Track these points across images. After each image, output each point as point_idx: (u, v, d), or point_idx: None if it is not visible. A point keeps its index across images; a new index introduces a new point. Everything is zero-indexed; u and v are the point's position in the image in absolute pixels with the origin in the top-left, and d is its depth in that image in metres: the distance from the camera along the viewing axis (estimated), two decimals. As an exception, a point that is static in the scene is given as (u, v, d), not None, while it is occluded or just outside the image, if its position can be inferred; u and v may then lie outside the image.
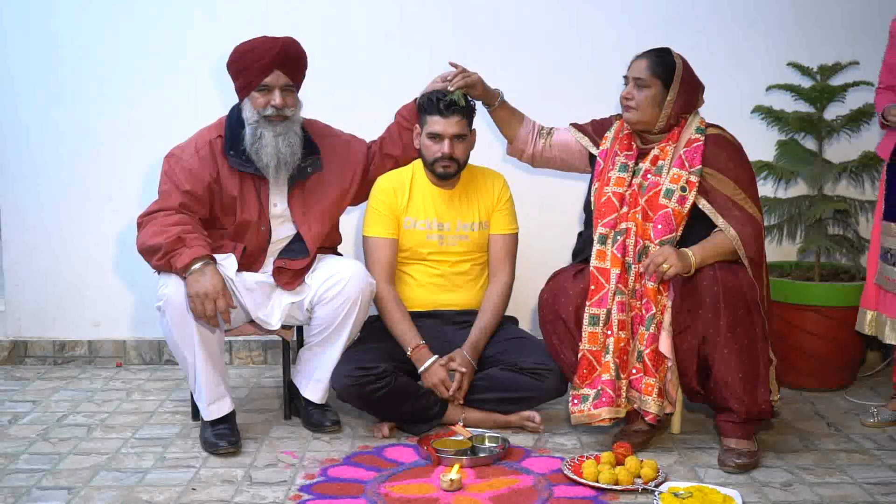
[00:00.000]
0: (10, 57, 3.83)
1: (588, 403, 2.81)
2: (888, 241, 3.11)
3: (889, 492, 2.61)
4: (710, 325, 2.73)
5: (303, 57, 3.00)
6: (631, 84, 2.91)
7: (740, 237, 2.78)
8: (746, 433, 2.82)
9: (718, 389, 2.78)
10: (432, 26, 3.81)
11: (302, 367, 3.13)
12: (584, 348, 2.83)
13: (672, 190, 2.83)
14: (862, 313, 3.24)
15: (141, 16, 3.81)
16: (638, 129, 2.95)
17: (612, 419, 2.81)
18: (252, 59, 2.91)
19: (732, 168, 2.87)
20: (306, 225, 3.07)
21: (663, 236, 2.81)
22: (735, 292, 2.72)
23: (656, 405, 2.80)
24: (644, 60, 2.91)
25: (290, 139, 2.97)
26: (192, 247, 2.81)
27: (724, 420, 2.83)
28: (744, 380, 2.74)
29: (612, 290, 2.82)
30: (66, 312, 3.98)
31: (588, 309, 2.83)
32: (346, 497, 2.57)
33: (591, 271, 2.85)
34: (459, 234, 3.17)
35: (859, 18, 3.81)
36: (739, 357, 2.73)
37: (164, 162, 3.01)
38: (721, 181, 2.85)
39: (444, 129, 3.04)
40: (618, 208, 2.89)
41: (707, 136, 2.91)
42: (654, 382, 2.79)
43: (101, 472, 2.77)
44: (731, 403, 2.77)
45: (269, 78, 2.92)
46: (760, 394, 2.76)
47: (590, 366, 2.84)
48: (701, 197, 2.83)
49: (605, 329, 2.81)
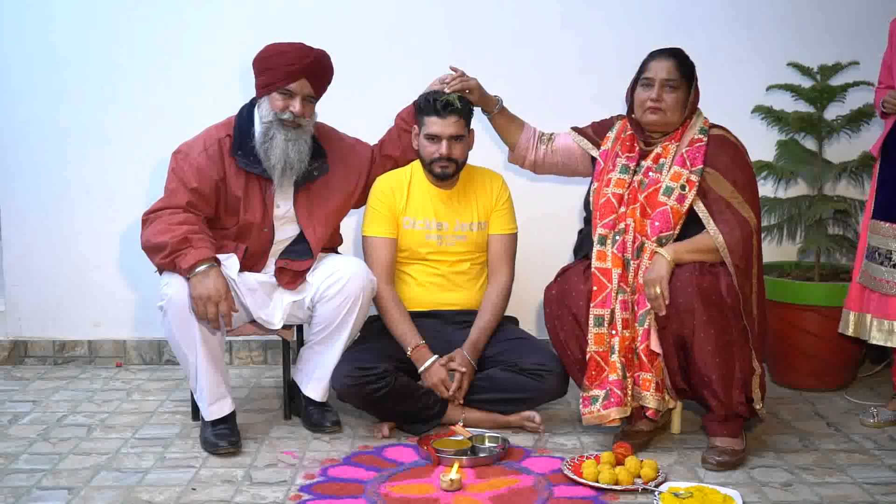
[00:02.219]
0: (9, 56, 3.83)
1: (598, 405, 2.82)
2: (875, 240, 3.10)
3: (889, 492, 2.61)
4: (685, 325, 2.73)
5: (331, 72, 3.01)
6: (659, 86, 2.85)
7: (727, 244, 2.74)
8: (731, 431, 2.82)
9: (698, 388, 2.81)
10: (432, 30, 3.81)
11: (303, 366, 3.13)
12: (592, 350, 2.83)
13: (672, 188, 2.83)
14: (845, 315, 3.23)
15: (141, 15, 3.81)
16: (657, 129, 2.91)
17: (620, 419, 2.82)
18: (283, 61, 2.91)
19: (732, 170, 2.85)
20: (311, 228, 3.07)
21: (660, 233, 2.81)
22: (710, 293, 2.71)
23: (654, 400, 2.80)
24: (670, 60, 2.87)
25: (299, 146, 2.96)
26: (198, 248, 2.81)
27: (708, 419, 2.85)
28: (720, 380, 2.75)
29: (614, 289, 2.82)
30: (66, 312, 3.98)
31: (592, 310, 2.83)
32: (346, 497, 2.57)
33: (593, 273, 2.85)
34: (458, 234, 3.17)
35: (859, 18, 3.81)
36: (714, 357, 2.73)
37: (172, 158, 3.00)
38: (719, 182, 2.83)
39: (441, 129, 3.04)
40: (616, 209, 2.88)
41: (710, 136, 2.90)
42: (650, 378, 2.80)
43: (102, 472, 2.77)
44: (710, 402, 2.80)
45: (294, 84, 2.92)
46: (736, 395, 2.77)
47: (598, 367, 2.84)
48: (698, 198, 2.82)
49: (611, 329, 2.82)
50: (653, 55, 2.92)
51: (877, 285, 3.08)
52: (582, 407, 2.86)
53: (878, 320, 3.10)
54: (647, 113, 2.88)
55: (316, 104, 3.04)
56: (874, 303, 3.11)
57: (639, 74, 2.93)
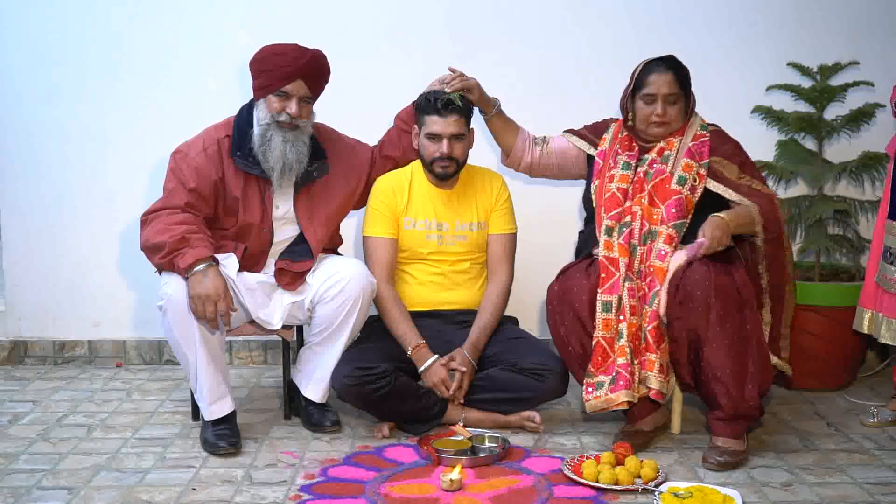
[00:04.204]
0: (10, 56, 3.83)
1: (604, 389, 2.81)
2: (889, 240, 3.11)
3: (889, 492, 2.61)
4: (700, 318, 2.73)
5: (327, 72, 3.01)
6: (661, 102, 2.91)
7: (762, 213, 2.85)
8: (735, 432, 2.82)
9: (708, 384, 2.80)
10: (431, 30, 3.81)
11: (302, 367, 3.13)
12: (599, 335, 2.83)
13: (685, 177, 2.89)
14: (860, 312, 3.24)
15: (141, 15, 3.81)
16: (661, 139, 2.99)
17: (628, 402, 2.78)
18: (279, 63, 2.90)
19: (737, 154, 2.98)
20: (311, 229, 3.07)
21: (676, 220, 2.84)
22: (727, 289, 2.73)
23: (657, 381, 2.79)
24: (669, 74, 2.92)
25: (298, 147, 2.96)
26: (196, 248, 2.81)
27: (714, 418, 2.85)
28: (732, 376, 2.75)
29: (622, 276, 2.83)
30: (66, 312, 3.98)
31: (600, 296, 2.84)
32: (346, 497, 2.57)
33: (601, 260, 2.87)
34: (458, 234, 3.17)
35: (859, 18, 3.81)
36: (728, 353, 2.73)
37: (171, 158, 3.00)
38: (727, 166, 2.93)
39: (442, 129, 3.04)
40: (622, 202, 2.92)
41: (710, 132, 3.00)
42: (654, 358, 2.80)
43: (101, 472, 2.77)
44: (720, 399, 2.79)
45: (290, 86, 2.92)
46: (748, 391, 2.77)
47: (604, 353, 2.84)
48: (711, 179, 2.90)
49: (618, 315, 2.82)
50: (650, 68, 2.94)
51: (889, 285, 3.09)
52: (585, 394, 2.85)
53: (888, 320, 3.11)
54: (653, 127, 2.96)
55: (313, 104, 3.04)
56: (886, 302, 3.12)
57: (636, 87, 2.96)
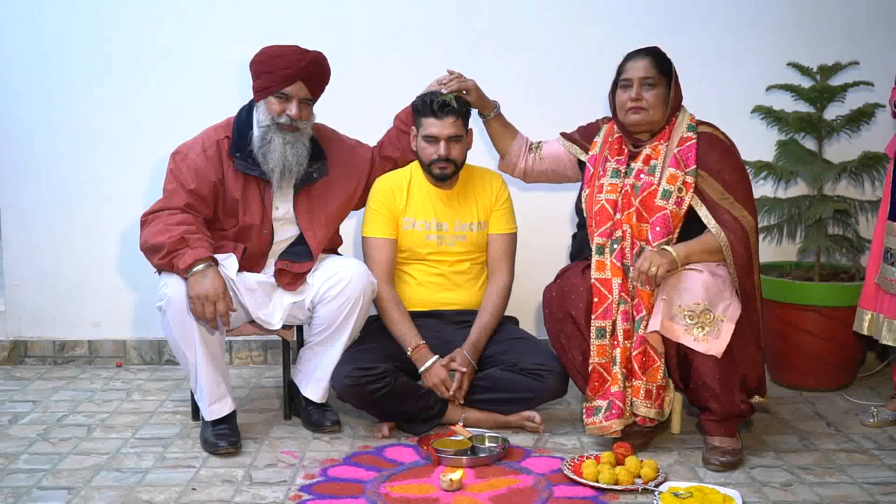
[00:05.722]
0: (10, 57, 3.83)
1: (600, 416, 2.83)
2: (890, 241, 3.10)
3: (889, 492, 2.61)
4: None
5: (327, 74, 3.01)
6: (637, 85, 2.85)
7: (730, 243, 2.78)
8: (729, 431, 2.83)
9: (698, 389, 2.80)
10: (431, 31, 3.81)
11: (302, 367, 3.13)
12: (594, 362, 2.84)
13: (669, 191, 2.83)
14: (860, 314, 3.24)
15: (142, 15, 3.81)
16: (642, 129, 2.91)
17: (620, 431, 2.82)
18: (279, 64, 2.90)
19: (721, 170, 2.86)
20: (311, 230, 3.07)
21: (661, 238, 2.81)
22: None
23: (644, 407, 2.81)
24: (646, 59, 2.88)
25: (297, 149, 2.96)
26: (195, 248, 2.81)
27: (706, 419, 2.85)
28: (721, 381, 2.75)
29: (615, 300, 2.82)
30: (66, 312, 3.98)
31: (594, 322, 2.84)
32: (346, 497, 2.57)
33: (594, 283, 2.85)
34: (458, 235, 3.17)
35: (859, 18, 3.81)
36: (717, 362, 2.73)
37: (171, 159, 3.00)
38: (710, 184, 2.84)
39: (439, 130, 3.04)
40: (612, 216, 2.89)
41: (699, 133, 2.91)
42: (640, 385, 2.81)
43: (102, 472, 2.77)
44: (710, 403, 2.80)
45: (290, 87, 2.92)
46: (737, 395, 2.78)
47: (601, 378, 2.85)
48: (697, 199, 2.83)
49: (612, 340, 2.82)
50: (629, 56, 2.93)
51: (890, 286, 3.08)
52: (585, 417, 2.88)
53: (889, 321, 3.11)
54: (630, 114, 2.89)
55: (314, 106, 3.03)
56: (887, 303, 3.12)
57: (617, 77, 2.94)
